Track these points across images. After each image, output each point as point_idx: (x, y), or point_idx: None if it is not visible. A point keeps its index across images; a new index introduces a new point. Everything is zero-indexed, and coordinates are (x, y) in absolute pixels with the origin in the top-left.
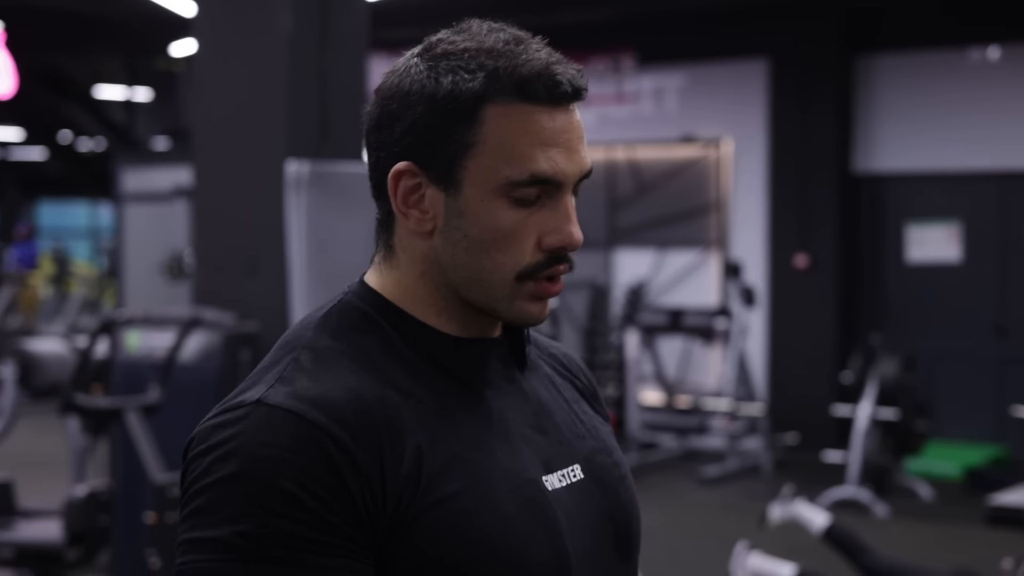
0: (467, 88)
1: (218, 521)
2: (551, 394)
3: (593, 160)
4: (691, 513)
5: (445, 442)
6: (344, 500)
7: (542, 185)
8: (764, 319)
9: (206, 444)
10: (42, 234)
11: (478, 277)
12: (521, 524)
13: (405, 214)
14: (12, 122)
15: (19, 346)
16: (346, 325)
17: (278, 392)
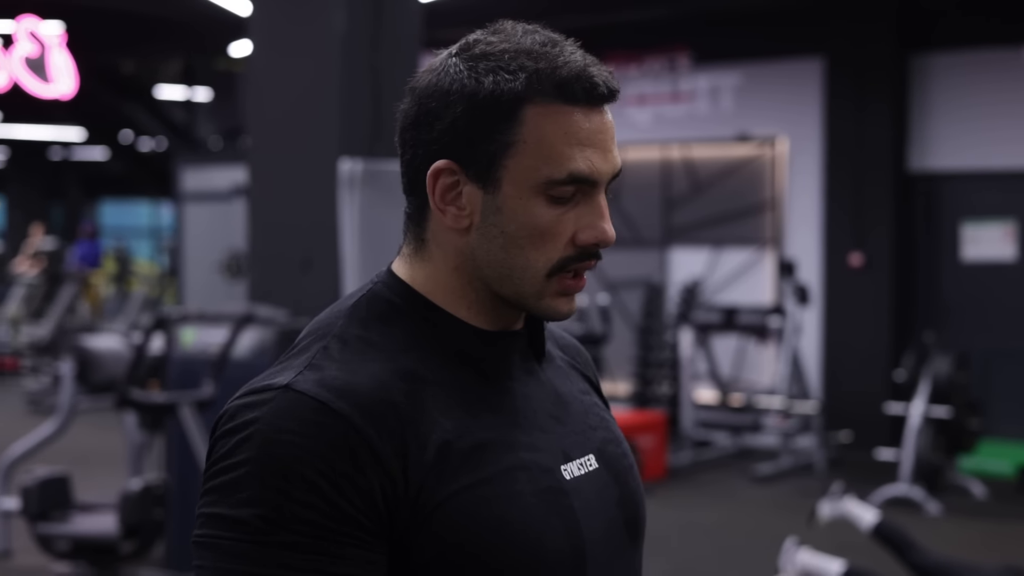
0: (508, 88)
1: (238, 501)
2: (566, 387)
3: (649, 159)
4: (744, 511)
5: (469, 432)
6: (362, 490)
7: (579, 184)
8: (819, 317)
9: (233, 423)
10: (105, 233)
11: (511, 272)
12: (539, 513)
13: (443, 210)
14: (74, 122)
15: (77, 343)
16: (375, 315)
17: (306, 379)
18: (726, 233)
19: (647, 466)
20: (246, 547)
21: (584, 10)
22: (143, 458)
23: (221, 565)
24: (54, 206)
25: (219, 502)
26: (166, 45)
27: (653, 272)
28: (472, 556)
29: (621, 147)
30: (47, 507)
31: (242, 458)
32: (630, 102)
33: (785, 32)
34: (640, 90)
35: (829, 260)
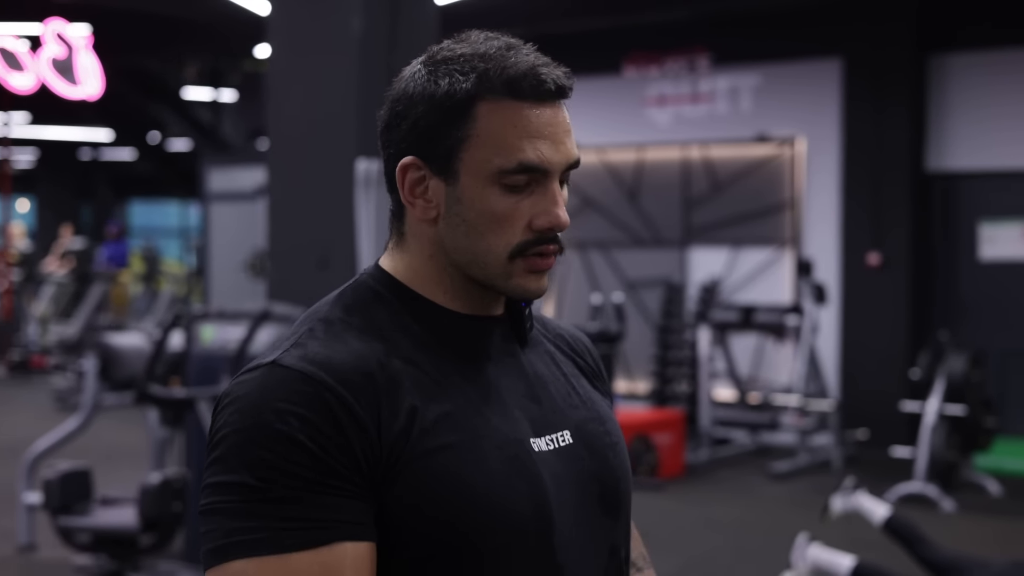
0: (461, 88)
1: (235, 466)
2: (549, 369)
3: (669, 159)
4: (760, 507)
5: (439, 403)
6: (344, 448)
7: (530, 173)
8: (837, 316)
9: (228, 399)
10: (134, 233)
11: (475, 257)
12: (502, 477)
13: (412, 203)
14: (102, 123)
15: (100, 340)
16: (359, 301)
17: (291, 355)
18: (745, 233)
19: (665, 463)
20: (246, 506)
21: (604, 12)
22: (165, 453)
23: (226, 526)
24: (84, 206)
25: (219, 471)
26: (192, 47)
27: (673, 272)
28: (436, 516)
29: (642, 147)
30: (69, 500)
31: (235, 427)
32: (650, 103)
33: (804, 33)
34: (660, 91)
35: (847, 259)
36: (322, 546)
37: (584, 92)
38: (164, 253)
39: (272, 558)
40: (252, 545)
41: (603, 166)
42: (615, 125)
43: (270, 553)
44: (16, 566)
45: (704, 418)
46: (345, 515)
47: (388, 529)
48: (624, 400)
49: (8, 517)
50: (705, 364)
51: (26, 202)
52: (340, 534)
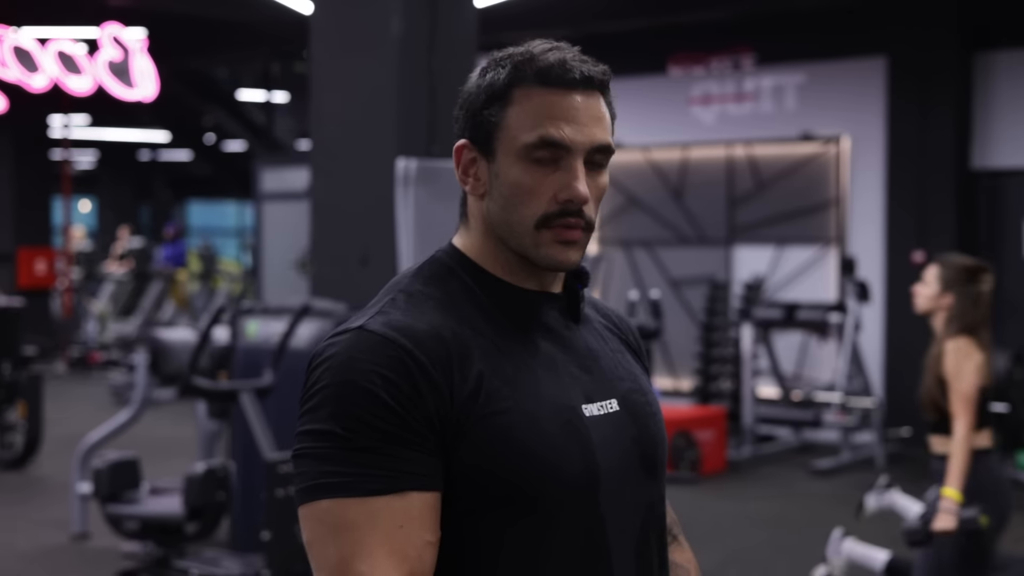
0: (500, 78)
1: (322, 417)
2: (599, 344)
3: (714, 158)
4: (800, 504)
5: (503, 371)
6: (420, 406)
7: (552, 148)
8: (881, 314)
9: (320, 359)
10: (192, 233)
11: (510, 228)
12: (557, 439)
13: (465, 181)
14: (159, 125)
15: (150, 335)
16: (435, 275)
17: (376, 321)
18: (789, 231)
19: (707, 460)
20: (333, 452)
21: (649, 12)
22: (214, 445)
23: (315, 469)
24: (143, 207)
25: (309, 421)
26: (245, 49)
27: (717, 270)
28: (495, 472)
29: (686, 146)
30: (117, 489)
31: (325, 383)
32: (695, 102)
33: (848, 32)
34: (705, 90)
35: (891, 257)
36: (395, 493)
37: (629, 92)
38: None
39: (354, 500)
40: (336, 487)
41: (648, 165)
42: (660, 124)
43: (351, 496)
44: (69, 553)
45: (747, 415)
46: (417, 467)
47: (452, 481)
48: (668, 397)
49: (64, 507)
50: (748, 361)
51: (88, 203)
52: (412, 484)
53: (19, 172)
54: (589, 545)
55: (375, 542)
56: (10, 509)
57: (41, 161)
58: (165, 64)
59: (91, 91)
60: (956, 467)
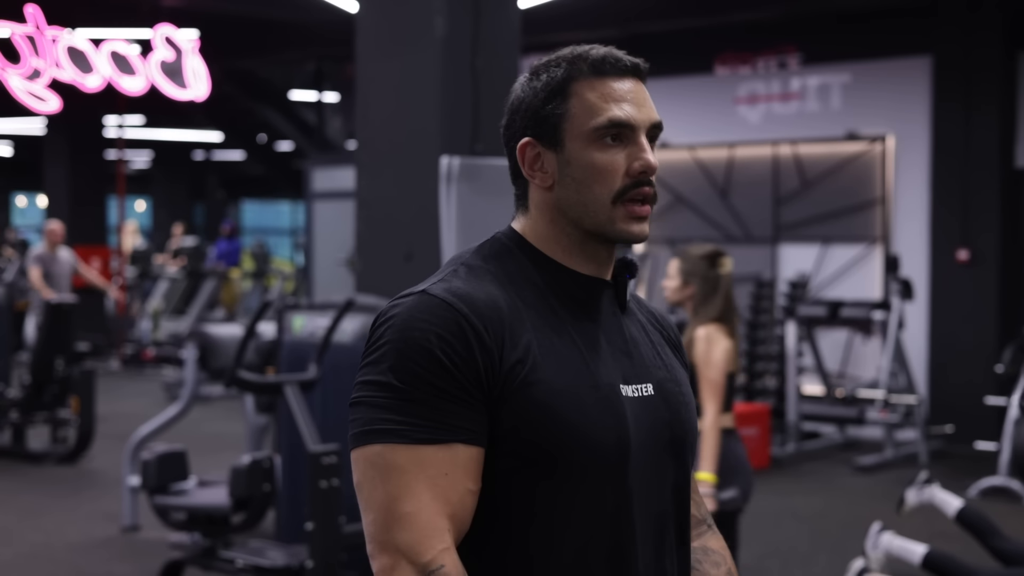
0: (557, 76)
1: (381, 369)
2: (640, 334)
3: (760, 157)
4: (842, 499)
5: (550, 344)
6: (472, 366)
7: (620, 128)
8: (926, 312)
9: (384, 316)
10: (247, 232)
11: (586, 208)
12: (594, 412)
13: (532, 176)
14: (212, 125)
15: (199, 330)
16: (494, 253)
17: (438, 287)
18: (835, 230)
19: (751, 456)
20: (388, 402)
21: (695, 12)
22: (262, 439)
23: (370, 415)
24: (197, 206)
25: (369, 372)
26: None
27: (763, 268)
28: (531, 435)
29: (732, 145)
30: (165, 480)
31: (386, 339)
32: (741, 101)
33: (893, 32)
34: (751, 89)
35: (936, 256)
36: (442, 444)
37: (676, 91)
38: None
39: (403, 447)
40: (388, 434)
41: (695, 164)
42: (707, 124)
43: (402, 442)
44: (120, 545)
45: (791, 412)
46: (465, 422)
47: (494, 439)
48: None
49: (115, 500)
50: (793, 359)
51: (143, 202)
52: (459, 436)
53: (74, 171)
54: (616, 516)
55: (421, 486)
56: (63, 502)
57: (96, 161)
58: (217, 65)
59: (144, 91)
60: (708, 451)
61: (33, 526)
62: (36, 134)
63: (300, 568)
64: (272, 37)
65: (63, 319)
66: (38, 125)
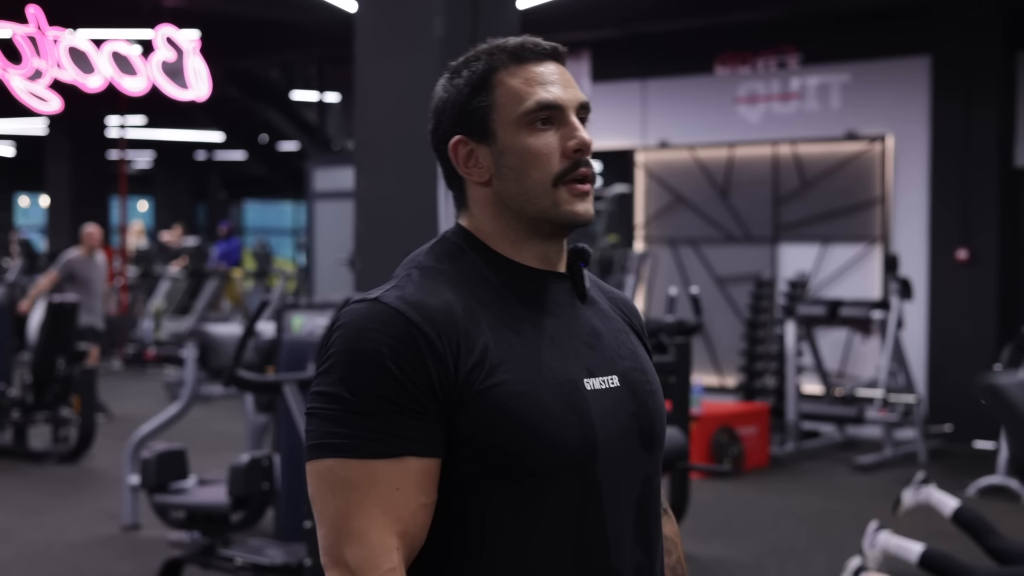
0: (478, 69)
1: (332, 380)
2: (603, 323)
3: (759, 156)
4: (841, 498)
5: (508, 343)
6: (423, 376)
7: (549, 110)
8: (925, 311)
9: (338, 324)
10: (248, 232)
11: (527, 195)
12: (556, 410)
13: (468, 173)
14: (214, 125)
15: (199, 330)
16: (446, 253)
17: (390, 295)
18: (834, 229)
19: (749, 455)
20: (338, 415)
21: (695, 13)
22: (262, 439)
23: (323, 428)
24: (199, 206)
25: (321, 382)
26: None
27: (763, 268)
28: (493, 439)
29: (732, 145)
30: (164, 479)
31: (337, 348)
32: (741, 101)
33: (893, 32)
34: (751, 89)
35: (935, 255)
36: (394, 457)
37: (676, 91)
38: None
39: (355, 461)
40: (340, 448)
41: (695, 163)
42: (706, 123)
43: (353, 457)
44: (120, 543)
45: (790, 411)
46: (417, 433)
47: (453, 447)
48: (712, 393)
49: (116, 499)
50: (792, 358)
51: (145, 202)
52: (410, 449)
53: (77, 172)
54: (585, 511)
55: (371, 502)
56: (64, 501)
57: (98, 161)
58: (218, 65)
59: (146, 92)
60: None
61: (34, 524)
62: (38, 134)
63: (299, 566)
64: (273, 37)
65: (65, 319)
66: (40, 125)
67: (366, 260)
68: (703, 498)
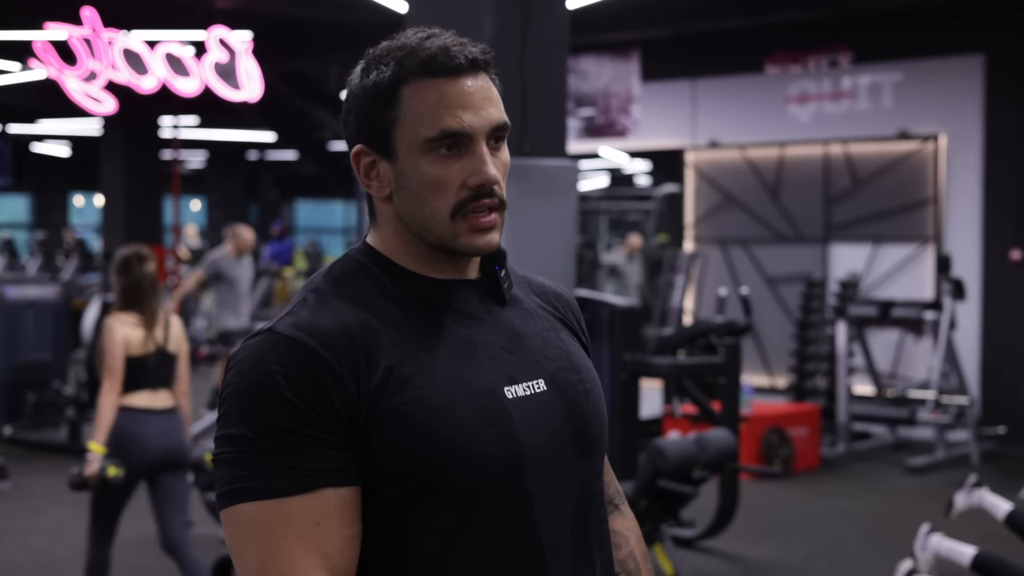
0: (385, 77)
1: (235, 421)
2: (527, 324)
3: (811, 156)
4: (892, 500)
5: (415, 359)
6: (326, 403)
7: (454, 138)
8: (978, 312)
9: (234, 361)
10: (300, 232)
11: (424, 223)
12: (474, 424)
13: (368, 185)
14: (266, 126)
15: (251, 328)
16: (347, 272)
17: (284, 323)
18: (886, 229)
19: (800, 456)
20: (245, 456)
21: (746, 12)
22: None
23: (231, 473)
24: (251, 205)
25: (224, 424)
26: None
27: (814, 268)
28: (408, 460)
29: (783, 145)
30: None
31: (236, 386)
32: (792, 100)
33: (945, 30)
34: (802, 89)
35: (989, 256)
36: (309, 492)
37: (726, 90)
38: (328, 250)
39: (268, 502)
40: (251, 491)
41: (745, 163)
42: (757, 123)
43: (266, 498)
44: None
45: (842, 412)
46: (328, 464)
47: (370, 472)
48: (763, 394)
49: None
50: (843, 359)
51: (198, 202)
52: (324, 480)
53: (130, 172)
54: (516, 527)
55: (291, 542)
56: None
57: (152, 161)
58: (270, 65)
59: (198, 92)
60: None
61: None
62: (93, 135)
63: None
64: (324, 38)
65: None
66: (95, 126)
67: None
68: (753, 500)
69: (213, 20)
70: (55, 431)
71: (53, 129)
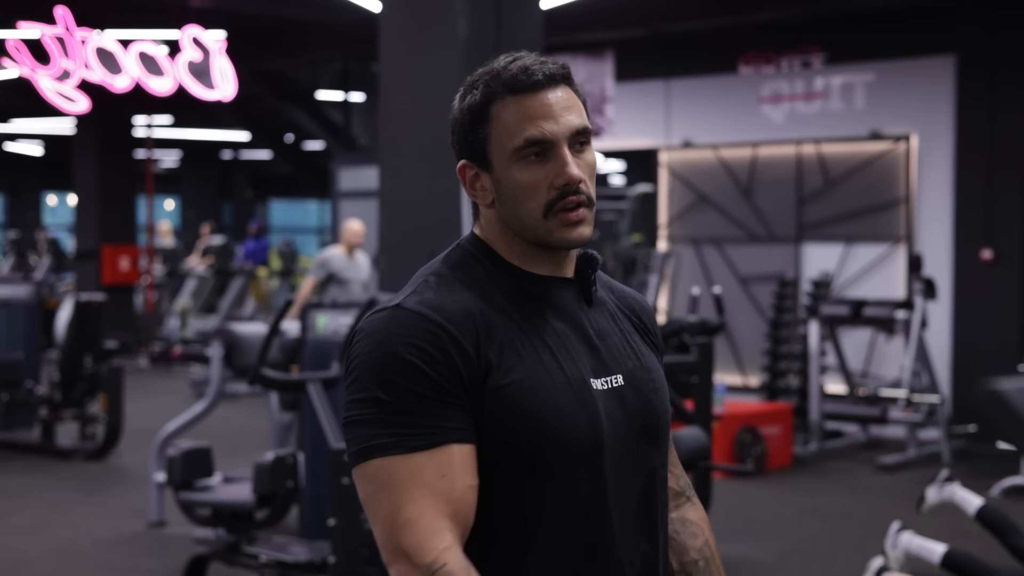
0: (476, 99)
1: (366, 386)
2: (609, 325)
3: (783, 156)
4: (864, 498)
5: (519, 345)
6: (453, 371)
7: (538, 145)
8: (949, 311)
9: (362, 333)
10: (274, 231)
11: (523, 223)
12: (567, 407)
13: (474, 195)
14: (240, 125)
15: (224, 328)
16: (461, 261)
17: (411, 300)
18: (858, 229)
19: (773, 455)
20: (380, 416)
21: (719, 12)
22: (287, 437)
23: (365, 432)
24: (225, 205)
25: (356, 390)
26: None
27: (786, 267)
28: (511, 437)
29: (756, 145)
30: (190, 477)
31: (367, 355)
32: (765, 101)
33: (917, 31)
34: (775, 89)
35: (960, 255)
36: (436, 447)
37: (699, 91)
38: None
39: (398, 458)
40: (383, 447)
41: (719, 163)
42: (730, 123)
43: (397, 453)
44: (146, 540)
45: (814, 411)
46: (452, 423)
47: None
48: (735, 392)
49: (142, 496)
50: (816, 358)
51: (171, 201)
52: (451, 437)
53: (103, 171)
54: (592, 503)
55: (420, 492)
56: (90, 497)
57: (125, 160)
58: (244, 65)
59: (172, 91)
60: None
61: (61, 521)
62: (66, 134)
63: (323, 564)
64: (298, 37)
65: (92, 318)
66: (68, 125)
67: (390, 259)
68: (725, 498)
69: (187, 19)
70: (28, 431)
71: (26, 128)
